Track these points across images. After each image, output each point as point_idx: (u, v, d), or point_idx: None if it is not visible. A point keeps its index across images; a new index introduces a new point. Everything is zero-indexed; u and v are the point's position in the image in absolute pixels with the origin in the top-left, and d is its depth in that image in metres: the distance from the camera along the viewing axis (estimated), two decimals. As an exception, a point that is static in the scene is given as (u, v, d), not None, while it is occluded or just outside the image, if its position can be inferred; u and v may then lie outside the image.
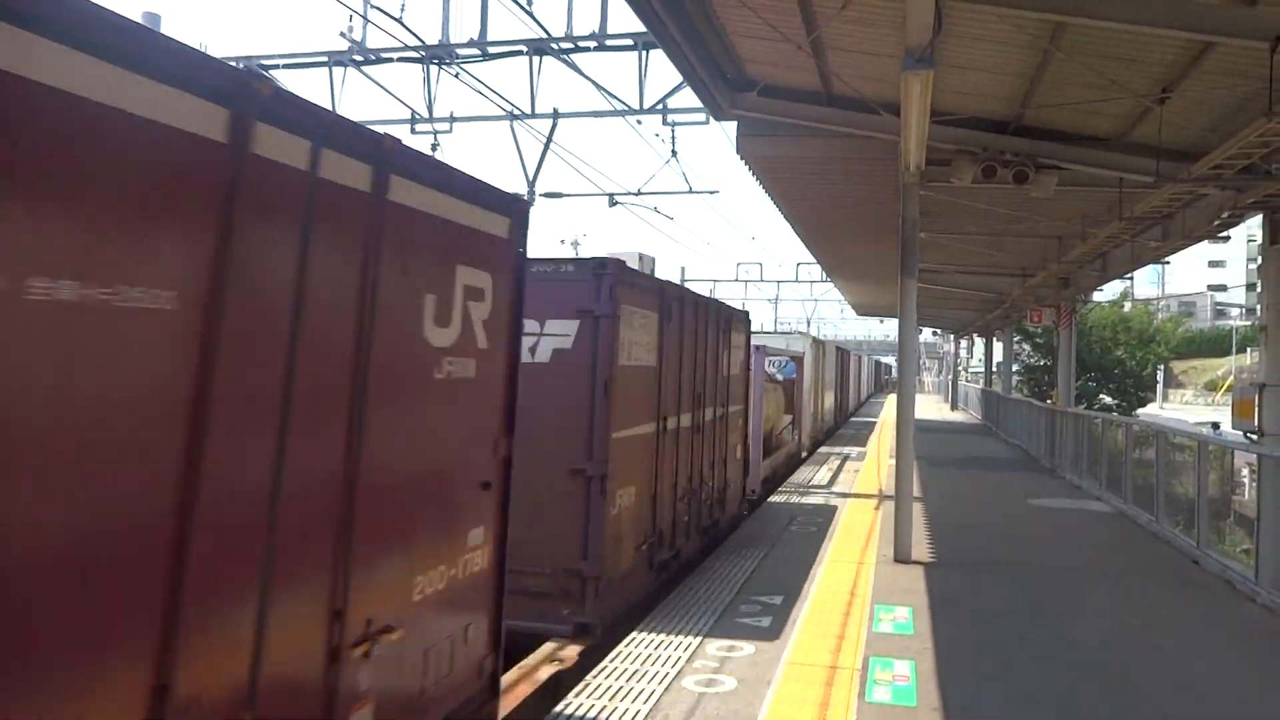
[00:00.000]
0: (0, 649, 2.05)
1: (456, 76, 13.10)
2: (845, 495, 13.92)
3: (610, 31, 13.15)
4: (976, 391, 39.77)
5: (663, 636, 6.55)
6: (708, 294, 11.46)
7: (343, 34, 14.41)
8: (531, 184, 16.93)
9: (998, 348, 33.98)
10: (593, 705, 5.24)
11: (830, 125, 10.53)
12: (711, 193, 21.08)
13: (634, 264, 8.23)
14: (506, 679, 5.34)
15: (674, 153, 17.10)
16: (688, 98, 14.00)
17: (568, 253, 25.06)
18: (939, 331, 58.58)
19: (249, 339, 2.75)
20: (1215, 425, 38.40)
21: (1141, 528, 11.58)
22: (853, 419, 36.45)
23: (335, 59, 14.96)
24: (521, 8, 11.18)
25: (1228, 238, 14.25)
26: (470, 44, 13.67)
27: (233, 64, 2.68)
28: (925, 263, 17.51)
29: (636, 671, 5.80)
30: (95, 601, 2.30)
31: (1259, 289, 10.97)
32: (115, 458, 2.34)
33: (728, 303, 11.83)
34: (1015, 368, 33.81)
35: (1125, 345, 36.15)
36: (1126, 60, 8.29)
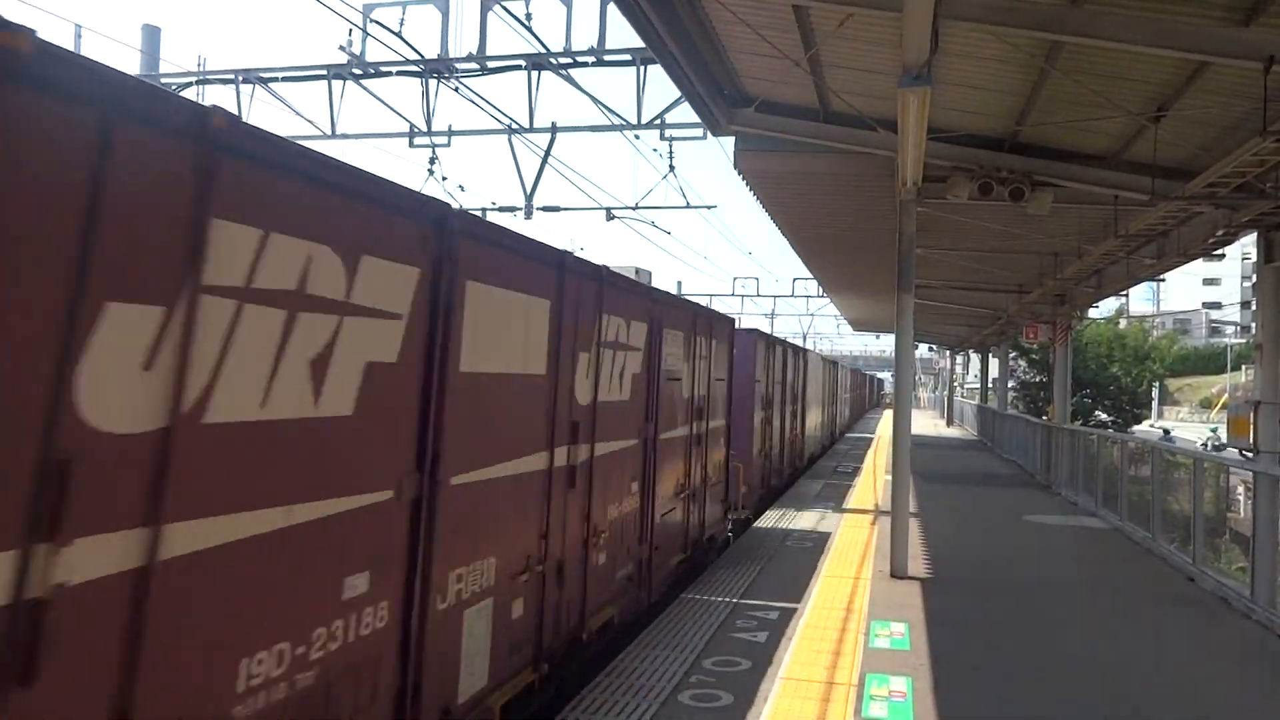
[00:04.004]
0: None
1: (455, 90, 13.16)
2: (841, 511, 13.91)
3: (609, 47, 13.23)
4: (972, 407, 39.78)
5: (659, 651, 6.54)
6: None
7: (342, 48, 14.47)
8: (529, 197, 16.98)
9: (993, 364, 34.03)
10: (588, 720, 5.22)
11: (828, 141, 10.58)
12: (709, 207, 21.17)
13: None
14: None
15: (671, 167, 17.18)
16: (686, 113, 14.08)
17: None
18: (935, 347, 58.69)
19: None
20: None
21: (1137, 544, 11.58)
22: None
23: (335, 72, 15.01)
24: (520, 22, 11.26)
25: (1223, 255, 14.31)
26: (469, 58, 13.73)
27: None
28: (922, 279, 17.57)
29: (632, 686, 5.79)
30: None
31: (1254, 307, 11.02)
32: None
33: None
34: (1011, 384, 33.84)
35: (1121, 362, 36.23)
36: (1122, 79, 8.35)
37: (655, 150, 34.99)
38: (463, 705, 4.41)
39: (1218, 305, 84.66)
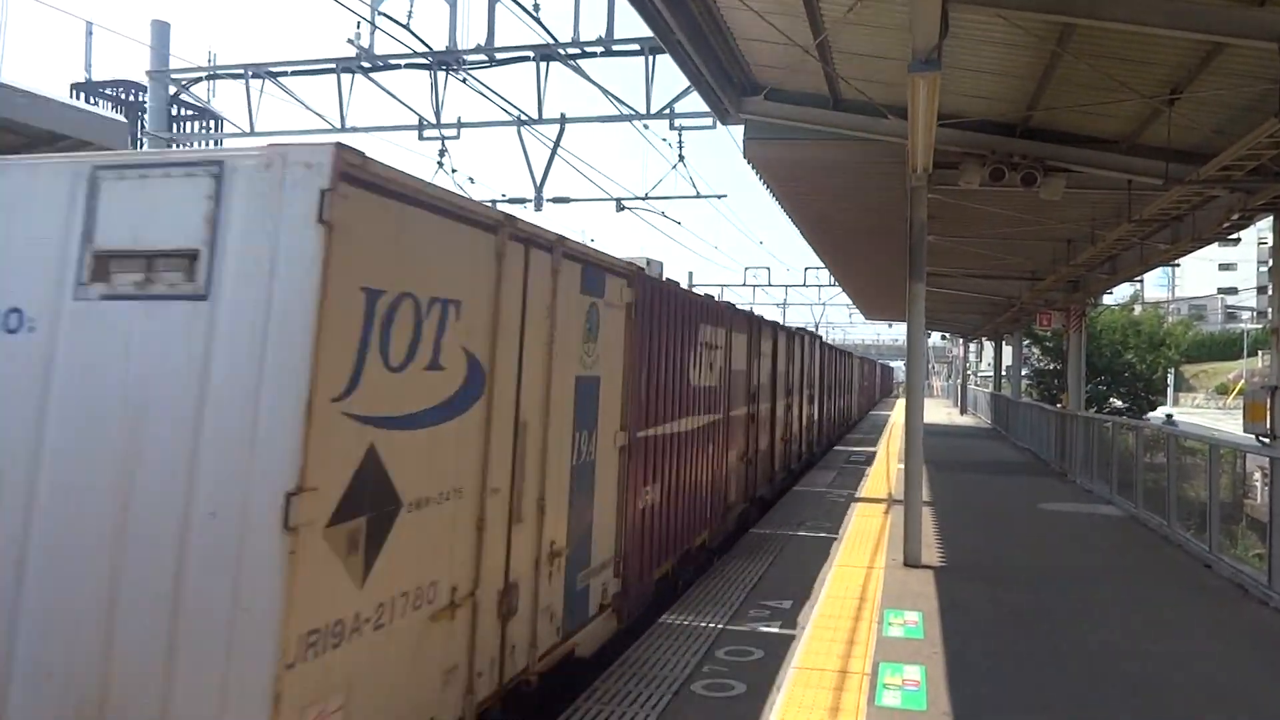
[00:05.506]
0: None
1: (464, 82, 13.16)
2: (854, 499, 13.87)
3: (617, 37, 13.19)
4: (986, 395, 39.59)
5: (672, 641, 6.54)
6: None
7: (350, 41, 14.48)
8: (539, 189, 16.97)
9: (1007, 351, 33.83)
10: (600, 711, 5.23)
11: (837, 128, 10.52)
12: (719, 197, 21.04)
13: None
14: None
15: (681, 157, 17.13)
16: (695, 102, 14.03)
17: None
18: (948, 335, 58.44)
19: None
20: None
21: (1153, 531, 11.52)
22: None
23: (343, 66, 15.03)
24: (528, 13, 11.22)
25: (1238, 240, 14.18)
26: (477, 50, 13.72)
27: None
28: (933, 266, 17.48)
29: (645, 676, 5.79)
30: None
31: (1270, 291, 10.90)
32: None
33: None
34: (1025, 372, 33.64)
35: (1135, 349, 35.94)
36: (1134, 62, 8.27)
37: (665, 140, 34.82)
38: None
39: (1233, 290, 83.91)
